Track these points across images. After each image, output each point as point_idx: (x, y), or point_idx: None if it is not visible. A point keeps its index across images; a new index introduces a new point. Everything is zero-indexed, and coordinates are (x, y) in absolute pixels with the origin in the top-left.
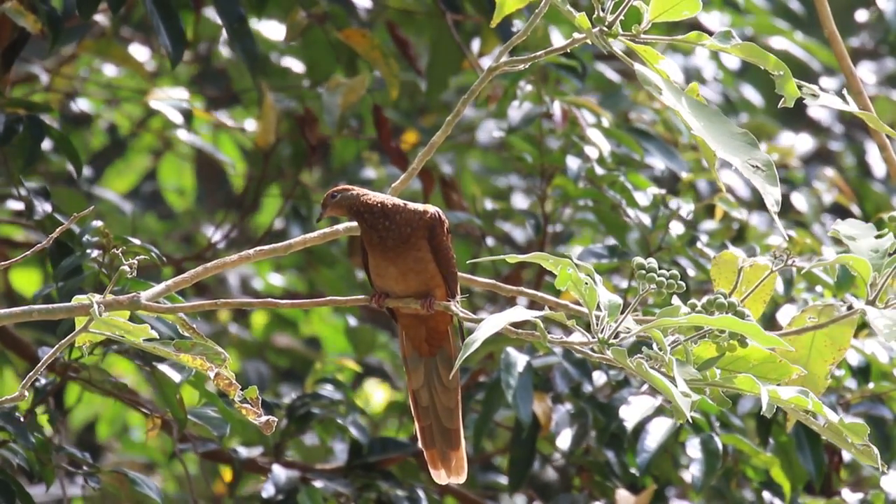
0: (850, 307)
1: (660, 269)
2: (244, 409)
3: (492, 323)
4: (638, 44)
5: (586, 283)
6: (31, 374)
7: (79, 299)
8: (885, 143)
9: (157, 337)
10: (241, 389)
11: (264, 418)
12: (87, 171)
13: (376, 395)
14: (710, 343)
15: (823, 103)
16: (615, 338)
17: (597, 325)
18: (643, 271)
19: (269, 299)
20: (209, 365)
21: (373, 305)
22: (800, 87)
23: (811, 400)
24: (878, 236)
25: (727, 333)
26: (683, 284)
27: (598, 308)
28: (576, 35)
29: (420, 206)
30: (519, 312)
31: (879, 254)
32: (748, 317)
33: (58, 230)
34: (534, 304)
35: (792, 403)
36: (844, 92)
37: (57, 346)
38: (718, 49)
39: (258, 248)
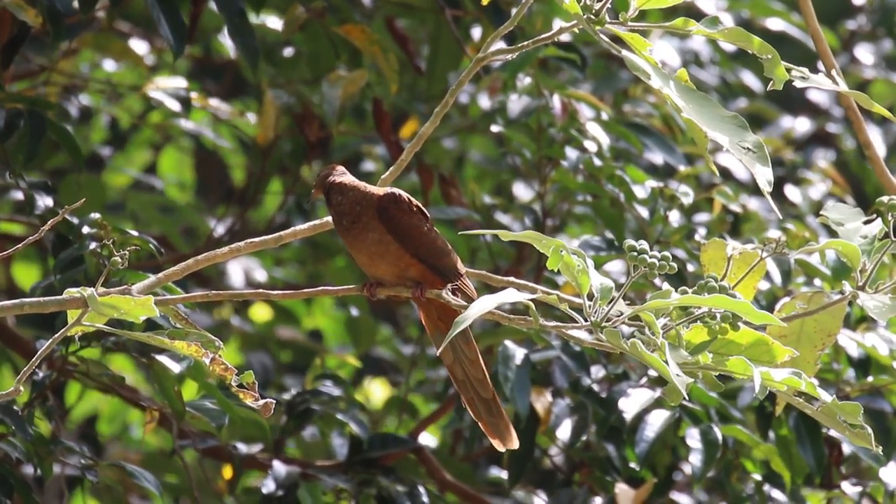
0: (840, 293)
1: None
2: (241, 394)
3: (483, 303)
4: (625, 31)
5: (578, 267)
6: (26, 368)
7: (70, 292)
8: (869, 141)
9: (157, 315)
10: (237, 375)
11: (262, 402)
12: (105, 151)
13: (376, 392)
14: (701, 328)
15: (813, 85)
16: (607, 321)
17: (589, 308)
18: (634, 253)
19: (262, 290)
20: (204, 351)
21: (365, 295)
22: (789, 70)
23: (804, 381)
24: (866, 222)
25: (719, 317)
26: (675, 266)
27: (591, 292)
28: (562, 24)
29: (379, 189)
30: (511, 294)
31: (868, 239)
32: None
33: (51, 221)
34: None
35: (785, 385)
36: (834, 73)
37: (51, 339)
38: (706, 35)
39: (249, 240)
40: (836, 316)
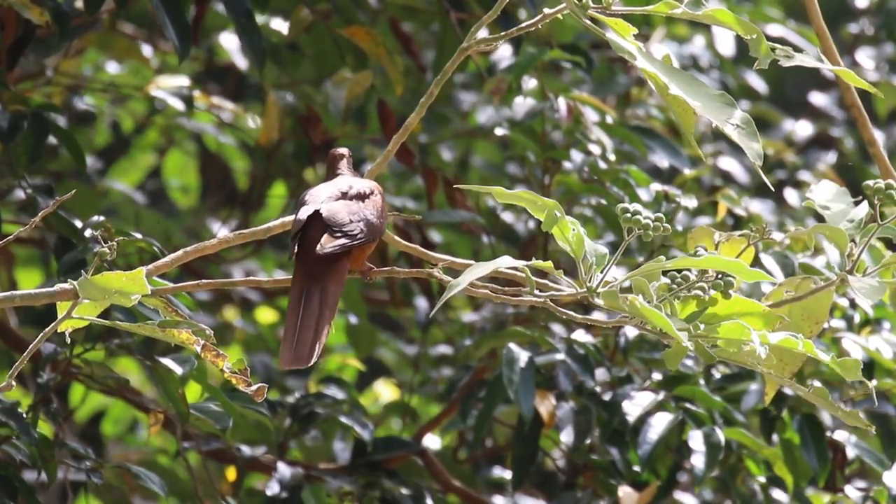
0: (827, 279)
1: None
2: (233, 379)
3: (477, 269)
4: (608, 16)
5: (573, 231)
6: (18, 362)
7: (61, 285)
8: (873, 138)
9: (149, 290)
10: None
11: (255, 387)
12: (97, 164)
13: (385, 394)
14: (691, 300)
15: (798, 62)
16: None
17: (584, 274)
18: (628, 214)
19: (253, 278)
20: (195, 339)
21: (365, 279)
22: (773, 50)
23: (801, 341)
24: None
25: (710, 284)
26: (669, 227)
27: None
28: (546, 10)
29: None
30: (505, 260)
31: (855, 223)
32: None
33: (41, 213)
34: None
35: (780, 346)
36: (819, 52)
37: (42, 333)
38: (690, 17)
39: (238, 231)
40: (823, 303)
